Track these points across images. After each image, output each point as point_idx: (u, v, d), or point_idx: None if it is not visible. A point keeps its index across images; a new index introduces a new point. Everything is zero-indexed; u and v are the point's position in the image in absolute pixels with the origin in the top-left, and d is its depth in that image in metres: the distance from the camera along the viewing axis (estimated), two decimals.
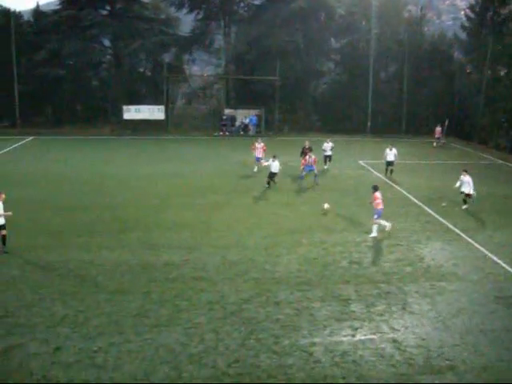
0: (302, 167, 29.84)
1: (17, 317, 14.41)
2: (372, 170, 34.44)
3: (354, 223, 22.63)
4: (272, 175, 28.51)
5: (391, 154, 32.54)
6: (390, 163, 32.55)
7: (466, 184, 25.18)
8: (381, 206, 20.99)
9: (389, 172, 32.56)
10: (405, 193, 28.18)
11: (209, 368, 12.02)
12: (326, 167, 34.13)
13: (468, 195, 25.28)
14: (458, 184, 25.52)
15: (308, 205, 25.57)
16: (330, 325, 14.07)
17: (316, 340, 13.31)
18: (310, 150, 31.62)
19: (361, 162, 37.65)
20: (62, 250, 19.15)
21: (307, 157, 29.90)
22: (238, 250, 19.25)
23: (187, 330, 13.72)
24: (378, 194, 21.16)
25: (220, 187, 28.89)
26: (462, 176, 25.40)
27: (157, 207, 24.89)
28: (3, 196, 18.82)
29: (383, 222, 21.19)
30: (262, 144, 32.70)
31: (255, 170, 32.49)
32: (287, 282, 16.66)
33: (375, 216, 20.94)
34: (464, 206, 25.35)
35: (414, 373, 12.00)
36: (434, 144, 45.93)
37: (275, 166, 28.42)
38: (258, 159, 32.22)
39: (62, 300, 15.37)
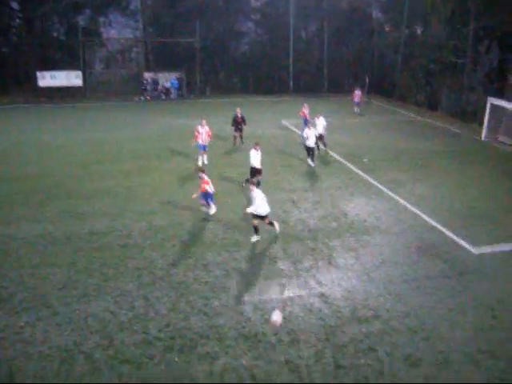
0: (193, 142, 25.83)
1: None
2: (295, 130, 34.70)
3: (278, 183, 22.83)
4: (255, 172, 21.53)
5: (320, 125, 28.23)
6: (320, 137, 27.77)
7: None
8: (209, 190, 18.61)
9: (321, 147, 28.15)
10: (328, 150, 28.61)
11: (140, 334, 11.98)
12: (321, 148, 28.25)
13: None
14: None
15: (233, 167, 25.54)
16: (258, 283, 14.27)
17: (245, 299, 13.48)
18: (243, 120, 29.27)
19: (283, 121, 37.86)
20: None
21: (198, 130, 25.48)
22: (164, 215, 19.06)
23: (116, 298, 13.57)
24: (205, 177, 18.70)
25: (142, 153, 28.34)
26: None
27: (78, 176, 24.17)
28: None
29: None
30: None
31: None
32: (214, 244, 16.69)
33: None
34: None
35: (341, 324, 12.40)
36: (355, 109, 42.19)
37: (257, 158, 21.63)
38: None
39: None
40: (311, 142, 25.59)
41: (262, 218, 16.65)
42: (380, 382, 10.47)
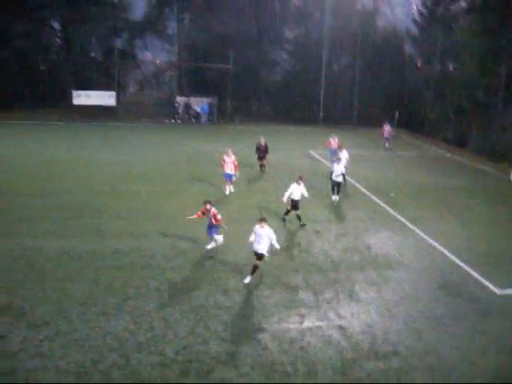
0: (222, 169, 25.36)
1: None
2: (322, 160, 34.78)
3: (303, 212, 22.82)
4: (295, 205, 21.25)
5: (343, 157, 27.11)
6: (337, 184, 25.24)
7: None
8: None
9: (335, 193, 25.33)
10: (354, 183, 28.59)
11: (157, 355, 11.99)
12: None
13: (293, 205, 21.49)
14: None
15: (259, 194, 25.67)
16: (278, 312, 14.23)
17: (264, 327, 13.43)
18: (266, 149, 29.38)
19: (311, 151, 37.99)
20: (6, 238, 18.67)
21: (224, 159, 25.26)
22: (188, 238, 19.17)
23: (135, 317, 13.64)
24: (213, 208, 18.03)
25: (170, 175, 28.68)
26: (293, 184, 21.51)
27: (105, 194, 24.53)
28: None
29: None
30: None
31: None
32: (237, 270, 16.71)
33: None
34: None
35: (359, 358, 12.27)
36: (386, 145, 41.29)
37: (298, 191, 21.24)
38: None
39: (7, 288, 15.02)
40: (339, 177, 24.91)
41: (260, 257, 15.80)
42: None
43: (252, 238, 15.74)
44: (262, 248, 15.67)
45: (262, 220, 15.75)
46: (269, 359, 12.04)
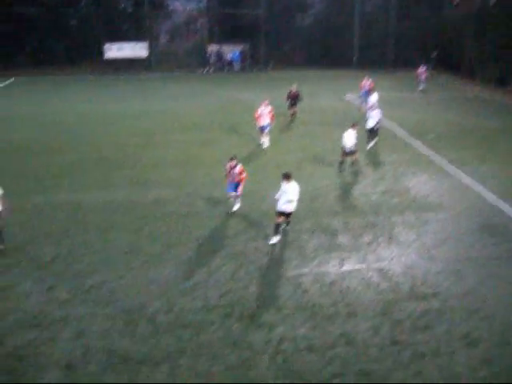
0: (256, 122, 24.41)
1: (9, 258, 14.56)
2: (356, 103, 34.27)
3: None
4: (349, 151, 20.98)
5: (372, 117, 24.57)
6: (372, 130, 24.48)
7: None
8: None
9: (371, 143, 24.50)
10: (391, 125, 28.19)
11: (200, 300, 12.30)
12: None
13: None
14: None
15: (294, 140, 25.59)
16: (317, 256, 14.37)
17: (304, 271, 13.61)
18: (297, 96, 28.50)
19: (347, 95, 37.45)
20: (48, 192, 19.17)
21: (260, 111, 24.19)
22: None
23: (178, 265, 13.97)
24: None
25: (207, 124, 28.75)
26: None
27: (143, 145, 24.83)
28: None
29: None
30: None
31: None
32: (274, 216, 16.81)
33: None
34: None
35: (399, 299, 12.35)
36: (420, 86, 40.21)
37: (352, 137, 20.95)
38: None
39: (53, 240, 15.51)
40: (372, 124, 24.16)
41: (286, 215, 15.27)
42: (437, 360, 10.42)
43: (278, 195, 15.03)
44: (290, 207, 14.99)
45: (288, 176, 15.04)
46: (310, 302, 12.23)
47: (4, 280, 13.44)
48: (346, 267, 13.80)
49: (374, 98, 27.51)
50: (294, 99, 28.67)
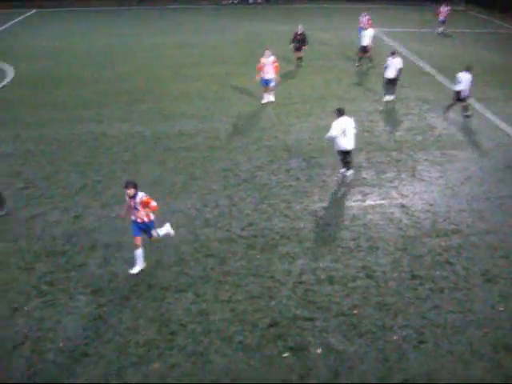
0: (257, 77, 21.05)
1: (36, 188, 14.89)
2: (386, 39, 33.49)
3: (365, 92, 22.45)
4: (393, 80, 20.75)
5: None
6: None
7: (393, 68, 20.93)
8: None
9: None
10: (417, 61, 27.60)
11: (224, 231, 12.56)
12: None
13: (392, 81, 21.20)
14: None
15: (319, 74, 25.25)
16: (340, 190, 14.47)
17: (326, 205, 13.74)
18: (303, 38, 26.15)
19: (384, 29, 36.52)
20: (73, 124, 19.33)
21: (262, 62, 20.76)
22: (250, 119, 19.36)
23: (202, 196, 14.18)
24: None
25: (231, 57, 28.42)
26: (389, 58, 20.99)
27: (167, 78, 24.74)
28: None
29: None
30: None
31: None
32: (299, 149, 16.90)
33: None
34: (387, 98, 21.42)
35: (420, 235, 12.47)
36: (439, 30, 35.90)
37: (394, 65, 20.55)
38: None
39: (79, 171, 15.78)
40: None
41: (344, 153, 14.82)
42: (455, 295, 10.59)
43: (333, 132, 14.29)
44: (349, 143, 14.51)
45: (341, 111, 14.49)
46: (331, 235, 12.42)
47: (33, 209, 13.81)
48: (369, 202, 13.90)
49: (368, 33, 26.08)
50: (298, 42, 26.49)
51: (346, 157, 14.84)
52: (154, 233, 11.12)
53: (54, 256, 11.80)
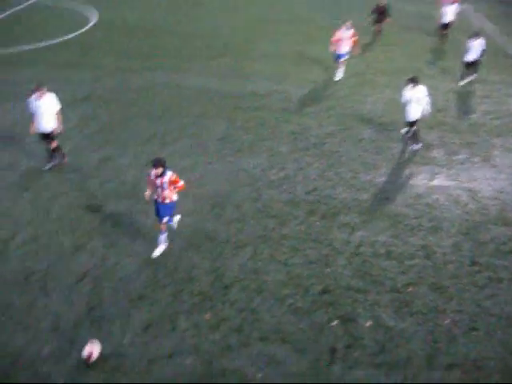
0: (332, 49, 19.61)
1: (109, 132, 15.37)
2: (472, 14, 32.14)
3: (443, 70, 21.75)
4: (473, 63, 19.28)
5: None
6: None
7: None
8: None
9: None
10: (503, 42, 26.42)
11: (287, 194, 12.64)
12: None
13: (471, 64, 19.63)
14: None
15: (397, 48, 24.56)
16: (408, 167, 14.23)
17: (393, 179, 13.57)
18: (385, 10, 24.59)
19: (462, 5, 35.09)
20: (151, 73, 19.69)
21: (339, 35, 19.34)
22: (326, 86, 19.17)
23: (269, 157, 14.26)
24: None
25: (315, 19, 27.98)
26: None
27: (247, 37, 24.66)
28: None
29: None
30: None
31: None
32: (372, 121, 16.65)
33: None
34: (463, 82, 19.91)
35: (486, 222, 12.16)
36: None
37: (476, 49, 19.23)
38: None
39: (151, 120, 16.13)
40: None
41: (412, 124, 14.70)
42: None
43: (405, 99, 14.39)
44: (415, 113, 14.43)
45: (414, 80, 14.32)
46: (393, 210, 12.29)
47: (105, 152, 14.27)
48: (436, 182, 13.62)
49: (453, 8, 24.03)
50: (381, 14, 24.89)
51: (413, 127, 14.65)
52: (164, 219, 10.36)
53: (120, 199, 12.21)
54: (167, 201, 10.15)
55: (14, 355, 8.28)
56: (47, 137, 13.24)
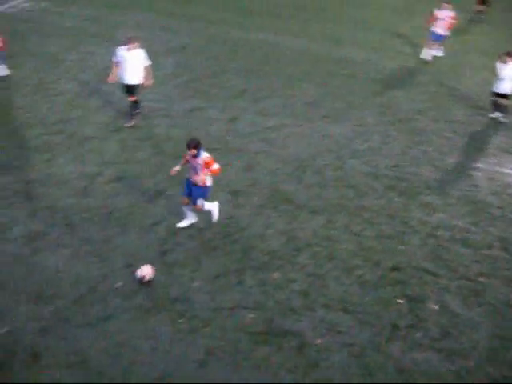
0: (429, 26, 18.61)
1: (201, 83, 15.75)
2: None
3: None
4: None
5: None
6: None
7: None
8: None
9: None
10: None
11: (369, 165, 12.48)
12: None
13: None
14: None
15: (499, 30, 23.31)
16: (498, 155, 13.68)
17: (480, 166, 13.11)
18: None
19: None
20: (246, 29, 19.96)
21: (436, 14, 18.40)
22: (420, 61, 18.58)
23: (355, 126, 14.09)
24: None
25: None
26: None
27: (342, 1, 24.23)
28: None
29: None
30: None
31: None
32: (466, 102, 16.06)
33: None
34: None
35: None
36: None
37: None
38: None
39: (243, 75, 16.28)
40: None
41: (502, 96, 14.45)
42: None
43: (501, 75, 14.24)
44: (506, 87, 14.36)
45: (509, 54, 14.22)
46: (477, 197, 11.90)
47: (196, 102, 14.59)
48: None
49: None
50: None
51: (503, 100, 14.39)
52: (199, 201, 9.74)
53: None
54: (200, 184, 9.60)
55: (89, 285, 8.76)
56: (130, 89, 13.13)
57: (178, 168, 9.74)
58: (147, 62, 12.97)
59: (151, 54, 16.66)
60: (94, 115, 13.88)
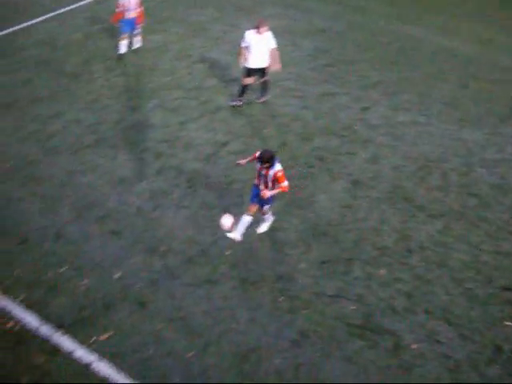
0: None
1: (335, 69, 15.64)
2: None
3: None
4: None
5: None
6: None
7: None
8: None
9: None
10: None
11: (499, 177, 11.73)
12: None
13: None
14: None
15: None
16: None
17: None
18: None
19: None
20: (386, 18, 19.74)
21: None
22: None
23: (490, 135, 13.31)
24: None
25: None
26: None
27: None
28: None
29: None
30: None
31: None
32: None
33: None
34: None
35: None
36: None
37: None
38: None
39: (378, 66, 16.01)
40: None
41: None
42: None
43: None
44: None
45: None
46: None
47: (328, 88, 14.67)
48: None
49: None
50: None
51: None
52: (266, 208, 9.21)
53: (327, 136, 12.46)
54: (266, 195, 8.65)
55: (201, 247, 9.20)
56: (260, 72, 12.98)
57: (244, 162, 9.21)
58: (275, 46, 12.73)
59: (291, 35, 16.93)
60: (228, 87, 14.26)
